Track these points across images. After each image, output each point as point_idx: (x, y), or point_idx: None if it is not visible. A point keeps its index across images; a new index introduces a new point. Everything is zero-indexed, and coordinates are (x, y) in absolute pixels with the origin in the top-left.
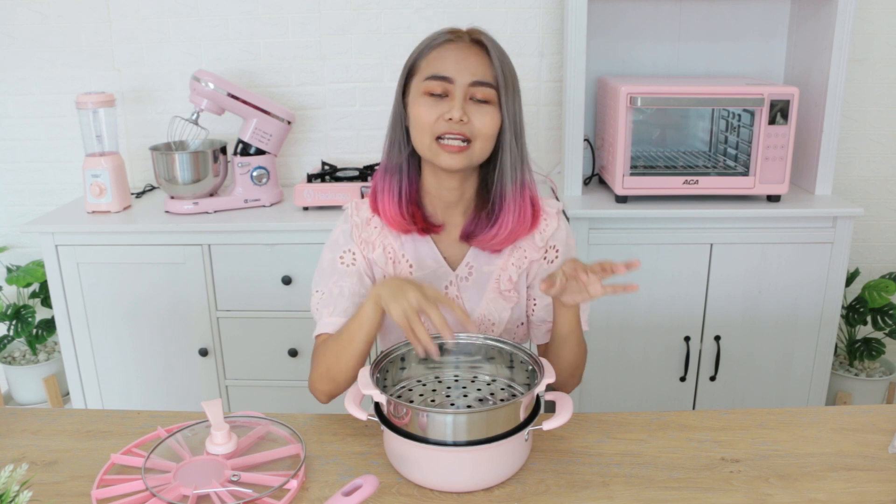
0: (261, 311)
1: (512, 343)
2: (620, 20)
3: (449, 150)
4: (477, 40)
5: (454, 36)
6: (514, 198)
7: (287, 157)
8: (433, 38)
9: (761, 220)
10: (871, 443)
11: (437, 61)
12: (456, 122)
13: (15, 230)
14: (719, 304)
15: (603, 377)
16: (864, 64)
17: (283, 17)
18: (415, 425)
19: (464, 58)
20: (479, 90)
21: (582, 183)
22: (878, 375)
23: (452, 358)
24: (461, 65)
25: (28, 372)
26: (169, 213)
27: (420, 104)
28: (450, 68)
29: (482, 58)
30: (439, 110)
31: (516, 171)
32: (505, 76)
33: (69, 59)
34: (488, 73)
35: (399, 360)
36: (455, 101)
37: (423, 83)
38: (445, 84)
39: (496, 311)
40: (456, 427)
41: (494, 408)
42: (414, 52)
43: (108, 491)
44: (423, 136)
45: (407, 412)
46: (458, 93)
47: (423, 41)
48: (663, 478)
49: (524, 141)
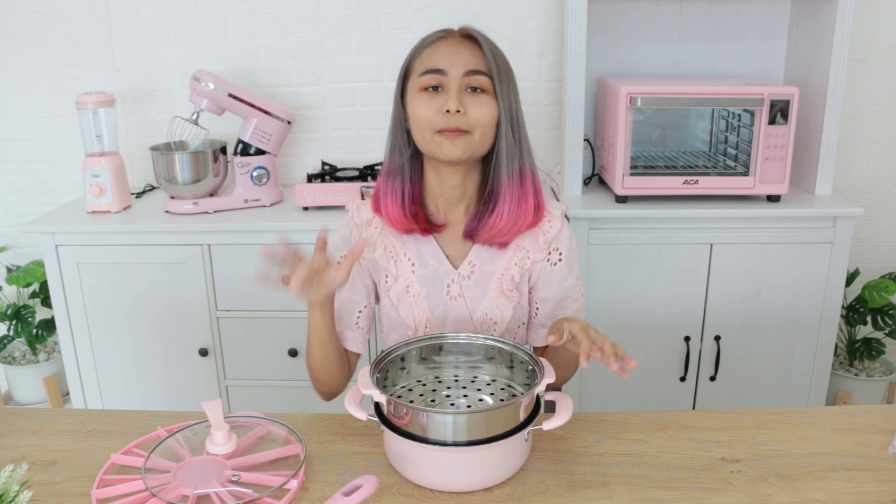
0: (261, 311)
1: (512, 343)
2: (620, 20)
3: (449, 135)
4: (468, 35)
5: (445, 33)
6: (510, 188)
7: (287, 157)
8: (425, 38)
9: (761, 220)
10: (871, 443)
11: (430, 57)
12: (453, 115)
13: (15, 230)
14: (719, 303)
15: (603, 377)
16: (864, 64)
17: (283, 17)
18: (415, 425)
19: (455, 51)
20: (474, 79)
21: (582, 183)
22: (878, 375)
23: (452, 358)
24: (453, 57)
25: (28, 372)
26: (169, 213)
27: (417, 101)
28: (442, 61)
29: (474, 49)
30: (436, 104)
31: (513, 160)
32: (498, 65)
33: (69, 59)
34: (481, 62)
35: (399, 361)
36: (451, 92)
37: (419, 79)
38: (440, 77)
39: (498, 310)
40: (456, 427)
41: (494, 407)
42: (408, 55)
43: (108, 491)
44: (423, 131)
45: (407, 412)
46: (454, 84)
47: (416, 44)
48: (663, 478)
49: (523, 132)
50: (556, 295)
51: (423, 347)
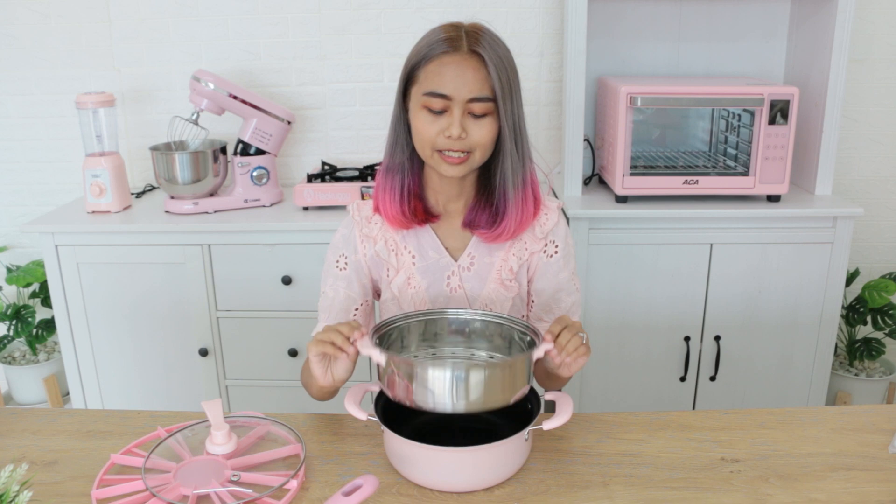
0: (261, 311)
1: (508, 317)
2: (620, 20)
3: (449, 161)
4: (474, 51)
5: (452, 46)
6: (516, 198)
7: (287, 157)
8: (431, 44)
9: (761, 220)
10: (871, 443)
11: (435, 77)
12: (455, 139)
13: (15, 230)
14: (719, 303)
15: (603, 377)
16: (864, 64)
17: (283, 17)
18: (417, 386)
19: (461, 73)
20: (477, 105)
21: (582, 183)
22: (878, 375)
23: (450, 338)
24: (458, 81)
25: (28, 372)
26: (169, 213)
27: (420, 118)
28: (448, 86)
29: (480, 72)
30: (439, 126)
31: (517, 174)
32: (503, 85)
33: (69, 59)
34: (486, 87)
35: (400, 340)
36: (454, 118)
37: (423, 98)
38: (444, 101)
39: (498, 300)
40: (456, 385)
41: (497, 363)
42: (413, 55)
43: (108, 491)
44: (424, 147)
45: (408, 367)
46: (457, 110)
47: (421, 43)
48: (663, 478)
49: (524, 140)
50: (551, 287)
51: (423, 322)
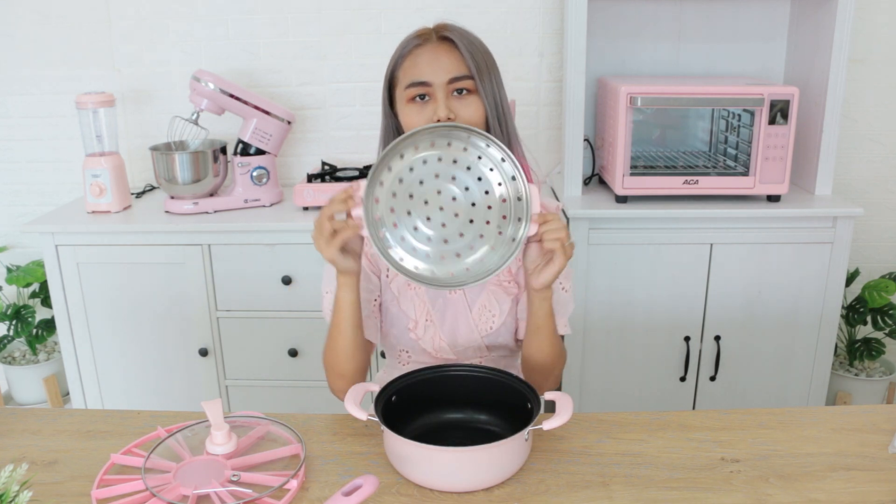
0: (261, 311)
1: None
2: (620, 20)
3: None
4: (444, 37)
5: (422, 39)
6: None
7: (287, 157)
8: (403, 45)
9: (761, 220)
10: (871, 443)
11: (412, 69)
12: (445, 121)
13: (15, 230)
14: (719, 303)
15: (603, 377)
16: (864, 64)
17: (283, 17)
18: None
19: (435, 58)
20: (458, 83)
21: (582, 183)
22: (878, 375)
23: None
24: (434, 65)
25: (28, 372)
26: (169, 213)
27: (408, 112)
28: (425, 72)
29: (453, 54)
30: (427, 114)
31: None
32: (478, 63)
33: (69, 59)
34: (462, 66)
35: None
36: (438, 101)
37: (405, 91)
38: (425, 88)
39: (497, 302)
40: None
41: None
42: (389, 62)
43: (108, 491)
44: None
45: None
46: (440, 93)
47: (395, 50)
48: (663, 478)
49: (509, 120)
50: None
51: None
